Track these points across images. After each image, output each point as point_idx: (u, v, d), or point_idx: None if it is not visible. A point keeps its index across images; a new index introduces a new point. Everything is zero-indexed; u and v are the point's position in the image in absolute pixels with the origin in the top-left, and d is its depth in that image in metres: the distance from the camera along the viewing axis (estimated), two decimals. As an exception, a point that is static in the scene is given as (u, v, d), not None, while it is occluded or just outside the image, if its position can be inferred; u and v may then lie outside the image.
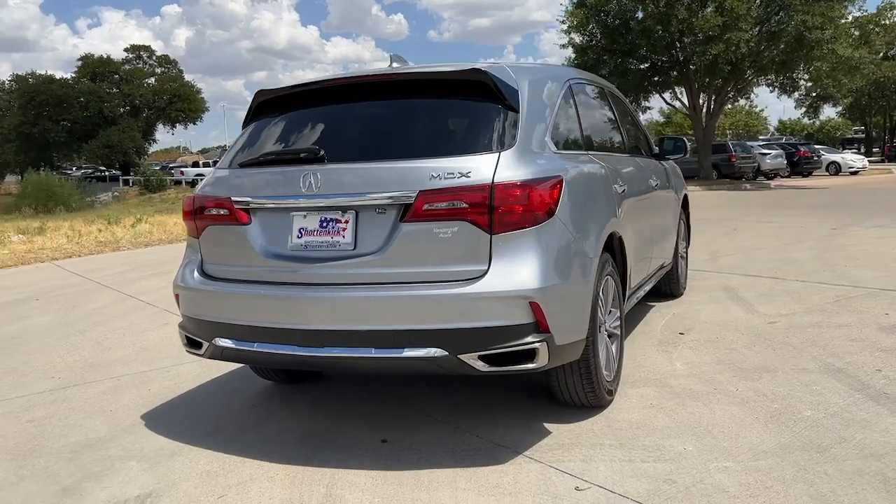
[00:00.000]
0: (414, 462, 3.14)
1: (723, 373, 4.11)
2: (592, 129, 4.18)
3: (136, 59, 70.78)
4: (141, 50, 71.21)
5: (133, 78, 67.40)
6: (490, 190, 2.93)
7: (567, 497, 2.77)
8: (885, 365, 4.09)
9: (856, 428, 3.25)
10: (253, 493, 2.94)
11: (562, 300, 3.06)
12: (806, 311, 5.44)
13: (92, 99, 62.30)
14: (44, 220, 21.00)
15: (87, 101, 61.98)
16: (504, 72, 3.33)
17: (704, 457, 3.05)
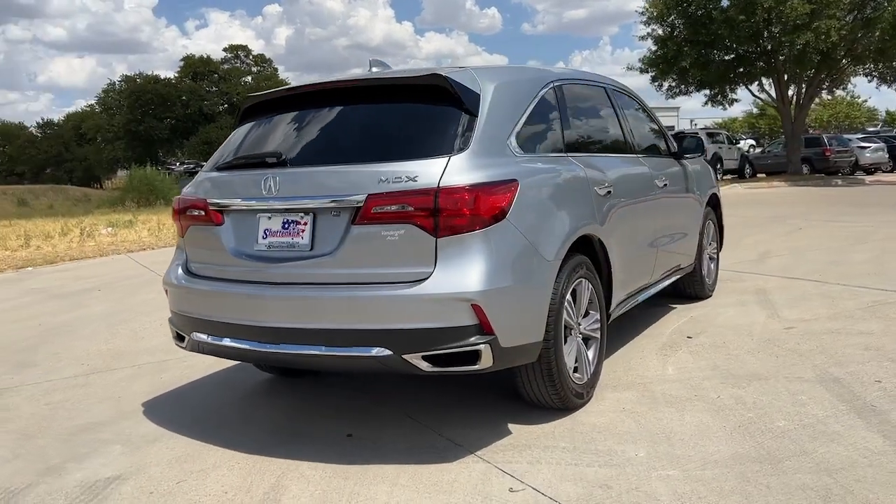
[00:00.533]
0: (368, 457, 3.25)
1: (712, 379, 4.02)
2: (581, 130, 4.16)
3: (233, 59, 73.58)
4: (238, 49, 73.95)
5: (231, 77, 70.12)
6: (435, 194, 2.99)
7: (498, 497, 2.81)
8: (889, 376, 3.90)
9: (822, 441, 3.14)
10: (210, 479, 3.11)
11: (509, 303, 3.09)
12: (832, 316, 5.22)
13: (193, 97, 65.23)
14: (139, 213, 22.20)
15: (189, 100, 64.93)
16: (466, 76, 3.38)
17: (652, 464, 3.02)
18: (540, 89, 3.80)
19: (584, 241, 3.75)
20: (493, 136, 3.29)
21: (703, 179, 5.87)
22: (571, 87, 4.18)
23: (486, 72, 3.57)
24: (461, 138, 3.18)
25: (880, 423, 3.29)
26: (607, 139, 4.53)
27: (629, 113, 4.94)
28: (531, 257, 3.22)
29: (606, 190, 3.99)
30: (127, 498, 2.99)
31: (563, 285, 3.45)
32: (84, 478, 3.21)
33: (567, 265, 3.50)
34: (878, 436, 3.16)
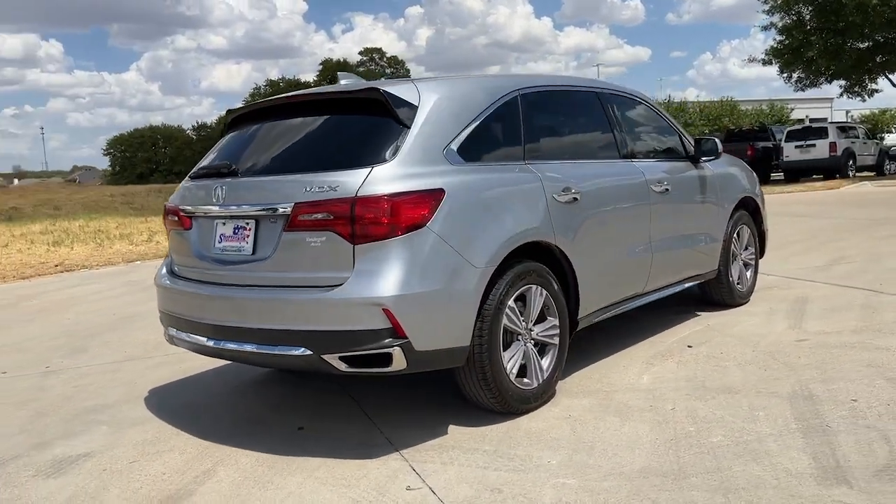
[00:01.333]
0: (304, 450, 3.46)
1: (680, 391, 3.93)
2: (549, 137, 4.17)
3: (368, 61, 76.22)
4: (373, 52, 76.56)
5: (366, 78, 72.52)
6: (352, 203, 3.15)
7: (392, 494, 2.95)
8: (869, 395, 3.67)
9: (744, 459, 3.04)
10: (158, 461, 3.44)
11: (424, 308, 3.20)
12: (858, 329, 4.90)
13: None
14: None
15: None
16: (406, 89, 3.52)
17: (557, 472, 3.04)
18: (497, 99, 3.85)
19: (537, 247, 3.78)
20: (425, 146, 3.41)
21: (732, 183, 5.64)
22: (543, 95, 4.20)
23: (431, 84, 3.68)
24: (389, 149, 3.32)
25: (819, 445, 3.13)
26: (588, 145, 4.50)
27: (628, 118, 4.87)
28: (455, 264, 3.30)
29: (572, 197, 3.98)
30: (82, 473, 3.36)
31: (503, 291, 3.51)
32: (61, 453, 3.62)
33: (511, 272, 3.56)
34: (807, 457, 3.02)
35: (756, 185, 6.07)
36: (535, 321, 3.79)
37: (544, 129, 4.17)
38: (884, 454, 3.01)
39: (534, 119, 4.06)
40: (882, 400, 3.60)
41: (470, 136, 3.63)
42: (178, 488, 3.13)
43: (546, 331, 3.85)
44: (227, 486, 3.12)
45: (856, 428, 3.28)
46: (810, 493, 2.71)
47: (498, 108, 3.85)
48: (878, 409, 3.50)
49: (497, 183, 3.64)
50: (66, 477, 3.34)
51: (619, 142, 4.63)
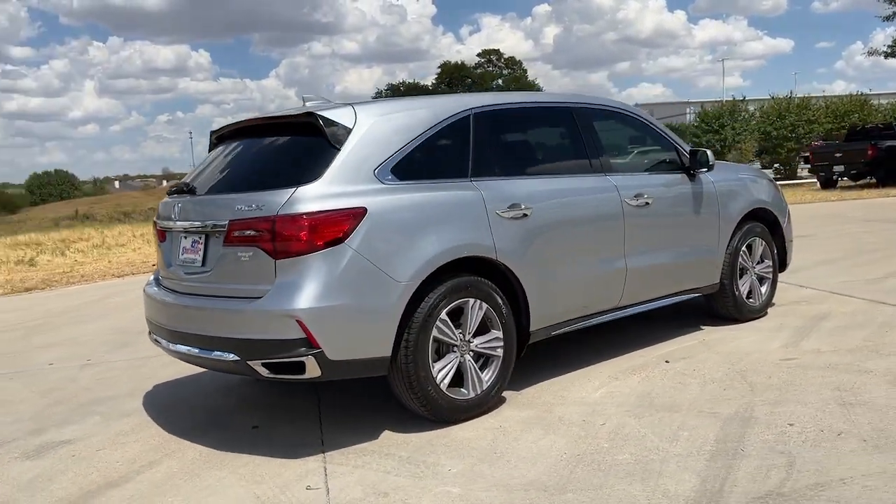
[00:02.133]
0: (242, 447, 3.76)
1: (622, 406, 3.95)
2: (501, 154, 4.26)
3: (486, 63, 76.68)
4: (491, 53, 76.92)
5: (483, 80, 73.08)
6: (273, 221, 3.42)
7: (291, 492, 3.19)
8: (807, 421, 3.56)
9: (632, 479, 3.07)
10: (120, 451, 3.84)
11: (339, 320, 3.42)
12: (856, 349, 4.68)
13: (446, 102, 69.01)
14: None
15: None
16: (342, 112, 3.75)
17: (450, 480, 3.19)
18: (444, 119, 4.00)
19: (481, 262, 3.90)
20: (354, 166, 3.62)
21: (738, 194, 5.48)
22: (499, 114, 4.30)
23: (371, 107, 3.89)
24: (317, 170, 3.57)
25: (719, 468, 3.11)
26: (551, 161, 4.56)
27: (607, 132, 4.88)
28: (374, 279, 3.50)
29: (521, 213, 4.08)
30: (56, 457, 3.81)
31: (432, 304, 3.67)
32: (49, 439, 4.11)
33: (444, 285, 3.72)
34: (697, 480, 3.02)
35: (774, 195, 5.85)
36: (473, 333, 3.91)
37: (498, 146, 4.27)
38: (774, 482, 2.95)
39: (487, 137, 4.17)
40: (820, 425, 3.49)
41: (407, 156, 3.81)
42: (121, 476, 3.51)
43: (488, 343, 3.97)
44: (161, 476, 3.47)
45: (768, 453, 3.22)
46: (668, 515, 2.73)
47: (443, 129, 4.00)
48: (807, 434, 3.40)
49: (429, 201, 3.79)
50: (40, 460, 3.80)
51: (592, 156, 4.65)
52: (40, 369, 5.77)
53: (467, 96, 4.33)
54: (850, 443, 3.27)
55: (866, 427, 3.43)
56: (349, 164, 3.62)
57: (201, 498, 3.20)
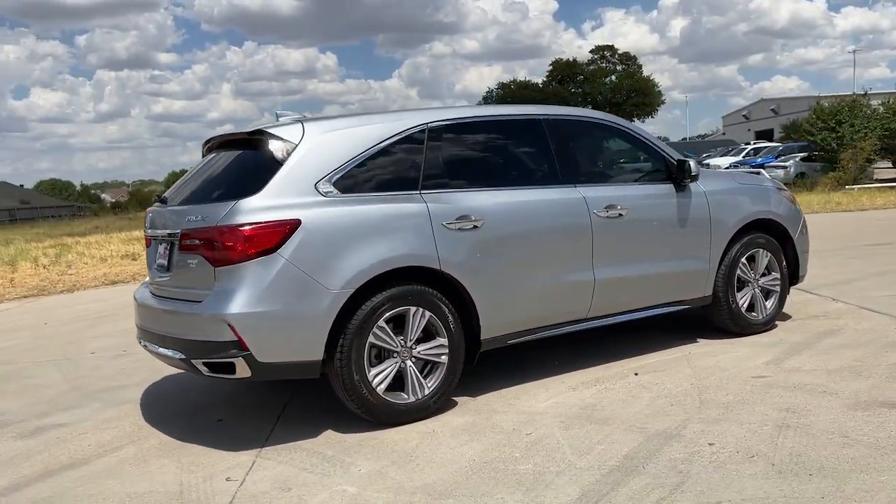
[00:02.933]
0: (196, 438, 4.09)
1: (560, 418, 4.00)
2: (455, 167, 4.37)
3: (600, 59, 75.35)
4: (604, 49, 75.49)
5: (595, 77, 71.94)
6: (213, 231, 3.72)
7: (212, 482, 3.48)
8: (730, 442, 3.50)
9: (517, 489, 3.16)
10: (98, 436, 4.26)
11: (269, 325, 3.68)
12: (835, 370, 4.49)
13: (556, 100, 68.44)
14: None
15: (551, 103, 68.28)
16: (289, 129, 4.00)
17: (352, 479, 3.39)
18: (395, 134, 4.18)
19: (425, 272, 4.06)
20: (294, 180, 3.86)
21: (735, 204, 5.32)
22: (457, 127, 4.42)
23: (320, 124, 4.11)
24: (258, 184, 3.83)
25: (608, 484, 3.14)
26: (512, 173, 4.61)
27: (580, 143, 4.91)
28: (305, 287, 3.73)
29: (471, 224, 4.19)
30: (43, 439, 4.28)
31: (369, 311, 3.87)
32: (48, 422, 4.59)
33: (383, 293, 3.91)
34: (577, 493, 3.07)
35: (782, 205, 5.63)
36: (416, 340, 4.07)
37: (453, 160, 4.39)
38: (651, 500, 2.96)
39: (441, 151, 4.31)
40: (739, 446, 3.43)
41: (352, 170, 4.01)
42: (84, 459, 3.91)
43: (432, 350, 4.11)
44: (115, 461, 3.84)
45: (666, 471, 3.22)
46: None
47: (395, 143, 4.17)
48: (719, 454, 3.36)
49: (368, 213, 3.97)
50: (29, 440, 4.27)
51: (561, 168, 4.67)
52: (82, 358, 6.36)
53: (427, 111, 4.46)
54: (757, 466, 3.21)
55: (785, 451, 3.34)
56: (289, 178, 3.86)
57: (135, 482, 3.53)
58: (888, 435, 3.45)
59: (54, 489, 3.54)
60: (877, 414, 3.72)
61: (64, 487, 3.55)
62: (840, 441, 3.42)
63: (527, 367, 4.96)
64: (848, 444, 3.38)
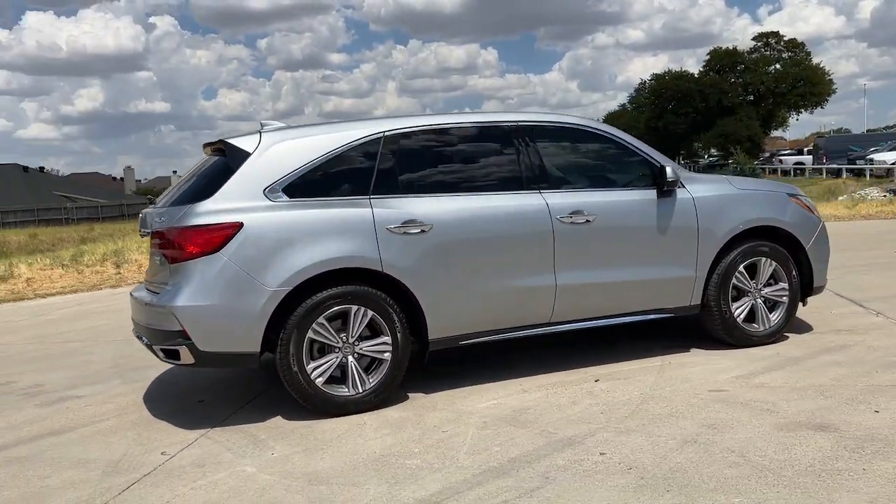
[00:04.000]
0: (171, 416, 4.58)
1: (486, 418, 4.12)
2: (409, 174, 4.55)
3: (763, 47, 71.03)
4: (769, 37, 71.11)
5: (758, 66, 67.94)
6: (169, 232, 4.18)
7: (149, 455, 3.93)
8: (622, 453, 3.50)
9: (370, 478, 3.35)
10: (98, 408, 4.87)
11: (208, 317, 4.08)
12: (802, 388, 4.28)
13: (712, 91, 65.40)
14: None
15: (707, 93, 65.31)
16: (247, 139, 4.39)
17: (259, 461, 3.73)
18: (350, 142, 4.44)
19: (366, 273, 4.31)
20: (243, 186, 4.23)
21: (729, 210, 5.10)
22: (415, 136, 4.61)
23: (277, 133, 4.45)
24: (212, 189, 4.24)
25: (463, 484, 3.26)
26: (471, 179, 4.70)
27: (553, 149, 4.97)
28: (244, 284, 4.10)
29: (418, 229, 4.39)
30: (55, 408, 4.94)
31: (308, 309, 4.18)
32: (70, 394, 5.27)
33: (325, 292, 4.21)
34: (436, 487, 3.22)
35: (791, 212, 5.34)
36: (359, 338, 4.33)
37: (407, 167, 4.57)
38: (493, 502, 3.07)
39: (395, 158, 4.52)
40: (626, 458, 3.44)
41: (302, 177, 4.33)
42: (73, 426, 4.51)
43: (375, 347, 4.36)
44: (91, 432, 4.40)
45: (532, 477, 3.31)
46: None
47: (348, 151, 4.44)
48: (599, 464, 3.39)
49: (311, 217, 4.27)
50: (45, 409, 4.95)
51: (526, 174, 4.74)
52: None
53: (389, 120, 4.68)
54: (625, 479, 3.22)
55: (667, 467, 3.31)
56: (239, 184, 4.24)
57: (93, 450, 4.06)
58: (786, 458, 3.31)
59: (31, 451, 4.13)
60: (796, 436, 3.56)
61: (40, 450, 4.13)
62: (732, 460, 3.33)
63: (498, 367, 5.07)
64: (737, 463, 3.29)
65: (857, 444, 3.42)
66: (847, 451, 3.34)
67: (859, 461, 3.23)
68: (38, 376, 5.86)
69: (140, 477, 3.62)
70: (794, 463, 3.26)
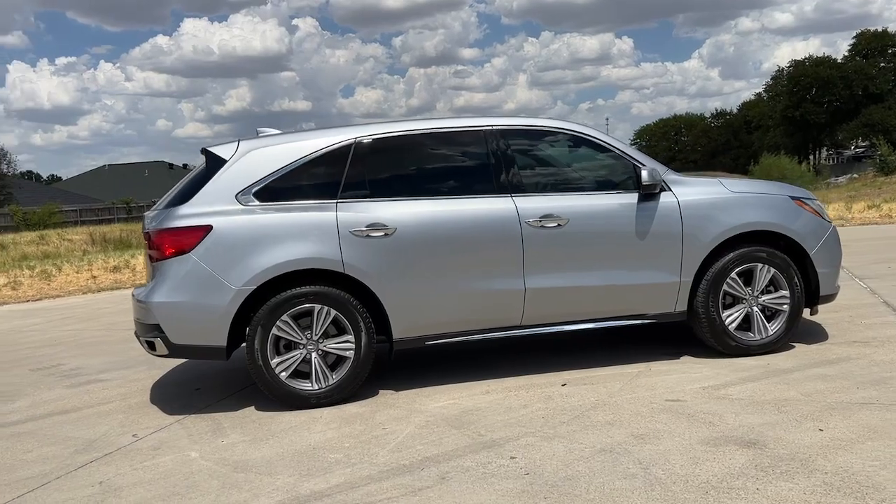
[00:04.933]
0: (163, 401, 5.00)
1: (429, 418, 4.24)
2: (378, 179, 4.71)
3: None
4: (925, 16, 65.18)
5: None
6: (151, 233, 4.58)
7: (124, 435, 4.33)
8: (531, 458, 3.53)
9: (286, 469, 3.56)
10: (112, 391, 5.37)
11: (178, 313, 4.44)
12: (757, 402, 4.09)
13: (857, 77, 60.85)
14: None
15: (852, 80, 60.84)
16: (225, 147, 4.71)
17: (207, 446, 4.03)
18: (320, 150, 4.67)
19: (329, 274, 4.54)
20: (217, 191, 4.55)
21: (719, 214, 4.92)
22: (386, 142, 4.77)
23: (254, 141, 4.74)
24: (190, 194, 4.59)
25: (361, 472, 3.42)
26: (440, 183, 4.80)
27: (529, 154, 4.99)
28: (211, 283, 4.41)
29: (382, 232, 4.56)
30: (79, 388, 5.50)
31: (272, 307, 4.46)
32: (99, 377, 5.83)
33: (288, 291, 4.47)
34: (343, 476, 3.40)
35: (794, 217, 5.06)
36: (323, 335, 4.56)
37: (376, 172, 4.73)
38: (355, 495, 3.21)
39: (364, 164, 4.70)
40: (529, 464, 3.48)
41: (273, 182, 4.60)
42: (80, 407, 5.02)
43: (339, 345, 4.57)
44: (92, 413, 4.88)
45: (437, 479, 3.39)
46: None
47: (319, 157, 4.67)
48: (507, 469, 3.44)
49: (277, 220, 4.52)
50: (71, 389, 5.52)
51: (497, 179, 4.79)
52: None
53: (360, 127, 4.86)
54: (514, 484, 3.26)
55: (563, 474, 3.33)
56: (213, 190, 4.56)
57: (82, 430, 4.52)
58: (687, 473, 3.24)
59: (33, 428, 4.65)
60: (716, 451, 3.46)
61: (40, 428, 4.65)
62: (631, 472, 3.29)
63: (476, 367, 5.17)
64: (634, 476, 3.25)
65: (771, 462, 3.28)
66: (755, 470, 3.22)
67: (759, 481, 3.11)
68: (83, 360, 6.50)
69: (101, 456, 4.02)
70: (691, 478, 3.18)
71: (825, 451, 3.36)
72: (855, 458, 3.28)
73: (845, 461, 3.25)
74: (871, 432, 3.56)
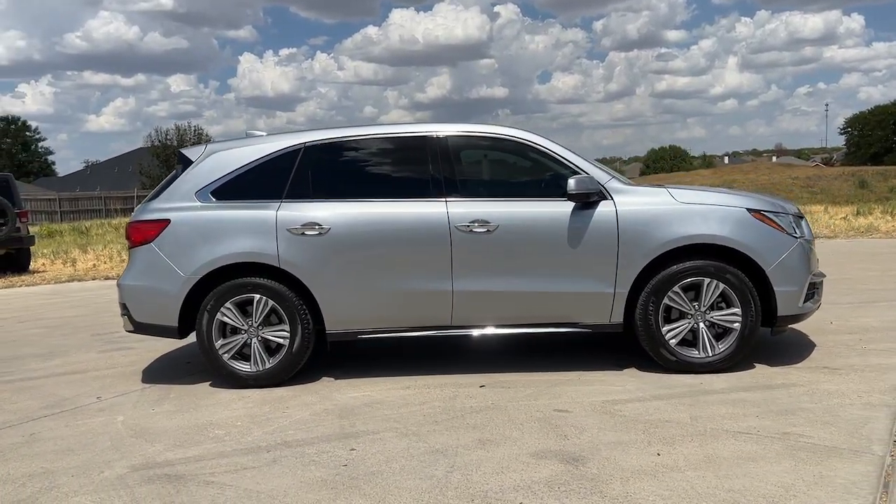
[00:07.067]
0: (150, 372, 5.71)
1: (328, 406, 4.57)
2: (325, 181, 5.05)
3: None
4: None
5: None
6: (128, 224, 5.27)
7: (88, 398, 5.06)
8: (371, 451, 3.77)
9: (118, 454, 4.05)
10: (119, 357, 6.19)
11: (138, 295, 5.09)
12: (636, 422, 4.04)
13: None
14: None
15: None
16: (195, 149, 5.29)
17: (135, 414, 4.63)
18: (271, 153, 5.11)
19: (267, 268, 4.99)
20: (181, 189, 5.14)
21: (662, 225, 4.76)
22: (331, 147, 5.10)
23: (219, 144, 5.27)
24: (160, 191, 5.23)
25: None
26: (374, 187, 5.06)
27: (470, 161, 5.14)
28: (165, 270, 5.01)
29: (316, 231, 4.93)
30: (107, 353, 6.37)
31: (216, 294, 5.00)
32: (128, 345, 6.68)
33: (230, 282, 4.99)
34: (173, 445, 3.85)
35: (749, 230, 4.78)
36: (261, 324, 5.02)
37: (319, 175, 5.05)
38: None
39: (309, 167, 5.07)
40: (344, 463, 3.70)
41: (227, 182, 5.10)
42: (88, 370, 5.84)
43: (275, 333, 5.02)
44: (90, 376, 5.68)
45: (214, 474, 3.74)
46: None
47: (270, 160, 5.11)
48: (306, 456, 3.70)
49: (224, 216, 5.01)
50: (100, 354, 6.40)
51: (433, 183, 4.96)
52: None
53: (311, 132, 5.23)
54: (325, 473, 3.53)
55: (378, 468, 3.55)
56: (178, 188, 5.15)
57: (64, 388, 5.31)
58: (483, 480, 3.34)
59: (36, 384, 5.51)
60: (535, 463, 3.51)
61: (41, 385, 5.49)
62: (430, 473, 3.45)
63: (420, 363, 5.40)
64: (429, 477, 3.41)
65: (570, 479, 3.31)
66: (545, 486, 3.26)
67: (536, 496, 3.15)
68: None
69: (57, 413, 4.75)
70: (478, 486, 3.28)
71: (632, 476, 3.32)
72: (653, 487, 3.21)
73: (637, 489, 3.20)
74: (707, 463, 3.44)
